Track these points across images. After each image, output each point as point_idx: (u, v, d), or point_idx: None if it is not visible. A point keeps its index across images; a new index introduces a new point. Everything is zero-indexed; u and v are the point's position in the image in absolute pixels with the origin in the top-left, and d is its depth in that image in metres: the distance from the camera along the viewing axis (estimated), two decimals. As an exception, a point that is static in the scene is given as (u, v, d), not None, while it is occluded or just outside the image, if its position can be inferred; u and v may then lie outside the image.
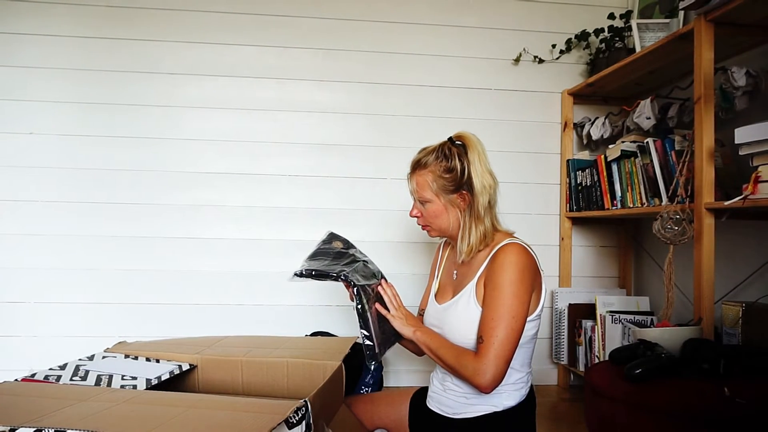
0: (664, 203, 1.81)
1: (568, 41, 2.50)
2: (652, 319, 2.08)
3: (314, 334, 2.28)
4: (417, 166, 1.36)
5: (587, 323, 2.23)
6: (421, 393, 1.47)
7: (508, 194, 2.50)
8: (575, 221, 2.51)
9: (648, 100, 2.02)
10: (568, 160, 2.46)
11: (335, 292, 2.43)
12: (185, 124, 2.38)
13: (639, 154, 1.98)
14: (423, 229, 1.42)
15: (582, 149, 2.53)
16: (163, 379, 1.48)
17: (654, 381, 1.29)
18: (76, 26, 2.33)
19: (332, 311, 2.43)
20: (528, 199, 2.52)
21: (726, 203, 1.50)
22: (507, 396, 1.27)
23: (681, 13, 2.03)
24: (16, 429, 0.93)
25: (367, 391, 2.12)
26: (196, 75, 2.38)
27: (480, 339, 1.19)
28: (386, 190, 2.45)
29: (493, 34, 2.52)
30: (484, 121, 2.51)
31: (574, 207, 2.42)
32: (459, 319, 1.28)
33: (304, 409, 1.08)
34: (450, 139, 1.37)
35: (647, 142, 1.92)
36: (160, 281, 2.35)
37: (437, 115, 2.48)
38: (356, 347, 2.21)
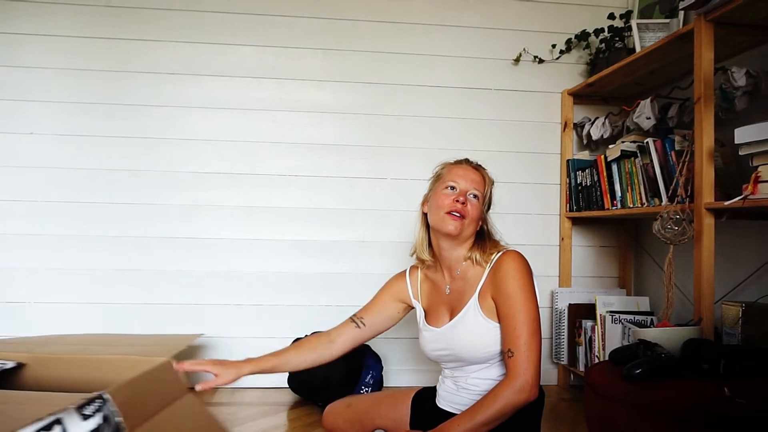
0: (664, 203, 1.81)
1: (568, 41, 2.50)
2: (652, 319, 2.08)
3: (314, 334, 2.27)
4: (479, 166, 1.46)
5: (587, 323, 2.23)
6: (424, 393, 1.47)
7: (509, 194, 2.51)
8: (575, 221, 2.51)
9: (648, 100, 2.02)
10: (568, 160, 2.46)
11: (335, 292, 2.43)
12: (185, 124, 2.38)
13: (639, 154, 1.98)
14: (455, 219, 1.32)
15: (582, 149, 2.53)
16: None
17: (654, 381, 1.29)
18: (76, 26, 2.33)
19: (332, 311, 2.42)
20: (528, 199, 2.52)
21: (726, 203, 1.50)
22: None
23: (681, 13, 2.03)
24: None
25: (367, 390, 2.13)
26: (196, 75, 2.38)
27: (509, 353, 1.21)
28: (386, 190, 2.45)
29: (493, 34, 2.52)
30: (484, 121, 2.51)
31: (574, 207, 2.42)
32: (470, 334, 1.29)
33: (99, 401, 1.08)
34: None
35: (647, 142, 1.92)
36: (160, 281, 2.35)
37: (437, 115, 2.48)
38: (356, 347, 2.21)
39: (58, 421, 0.98)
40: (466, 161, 1.45)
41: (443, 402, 1.39)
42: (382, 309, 1.50)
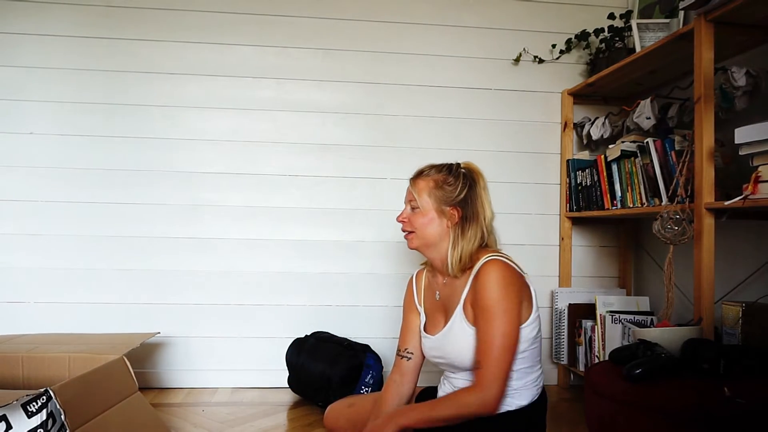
0: (664, 203, 1.81)
1: (568, 41, 2.50)
2: (652, 319, 2.08)
3: (314, 333, 2.28)
4: (421, 173, 1.41)
5: (587, 323, 2.23)
6: (426, 393, 1.47)
7: (509, 194, 2.52)
8: (575, 221, 2.51)
9: (648, 100, 2.02)
10: (568, 160, 2.46)
11: (335, 292, 2.43)
12: (185, 124, 2.38)
13: (639, 154, 1.98)
14: (405, 238, 1.39)
15: (582, 149, 2.53)
16: None
17: (654, 381, 1.29)
18: (76, 26, 2.33)
19: (332, 311, 2.43)
20: (528, 199, 2.52)
21: (726, 203, 1.50)
22: (520, 396, 1.27)
23: (681, 13, 2.03)
24: None
25: (367, 391, 2.12)
26: (196, 75, 2.38)
27: (477, 364, 1.19)
28: (386, 190, 2.45)
29: (493, 34, 2.52)
30: (484, 121, 2.51)
31: (574, 207, 2.42)
32: (459, 343, 1.28)
33: (44, 398, 1.09)
34: (458, 163, 1.42)
35: (647, 142, 1.92)
36: (160, 281, 2.35)
37: (437, 115, 2.48)
38: (357, 346, 2.21)
39: (2, 417, 0.99)
40: (414, 175, 1.43)
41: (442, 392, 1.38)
42: (412, 329, 1.46)
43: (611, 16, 2.34)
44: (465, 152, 2.50)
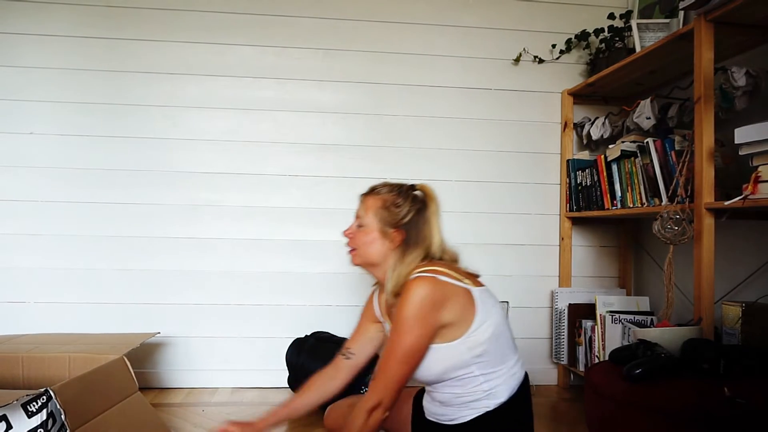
0: (664, 203, 1.81)
1: (568, 41, 2.50)
2: (652, 319, 2.08)
3: (314, 333, 2.28)
4: (372, 190, 1.40)
5: (587, 323, 2.23)
6: (424, 393, 1.47)
7: (509, 194, 2.52)
8: (575, 221, 2.51)
9: (648, 100, 2.02)
10: (568, 160, 2.46)
11: (335, 292, 2.43)
12: (185, 124, 2.38)
13: (639, 154, 1.98)
14: (348, 254, 1.40)
15: (582, 149, 2.53)
16: None
17: (654, 381, 1.29)
18: (76, 26, 2.33)
19: (332, 311, 2.43)
20: (528, 199, 2.52)
21: (726, 203, 1.50)
22: (496, 395, 1.26)
23: (681, 13, 2.03)
24: None
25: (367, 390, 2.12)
26: (196, 75, 2.38)
27: (374, 374, 1.20)
28: (386, 190, 2.44)
29: (493, 34, 2.52)
30: (484, 121, 2.51)
31: (574, 207, 2.42)
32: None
33: (44, 398, 1.09)
34: (412, 185, 1.39)
35: (647, 142, 1.92)
36: (159, 281, 2.35)
37: (437, 115, 2.48)
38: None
39: (2, 417, 0.99)
40: (366, 191, 1.41)
41: (428, 413, 1.37)
42: (364, 333, 1.49)
43: (611, 16, 2.34)
44: (465, 152, 2.50)
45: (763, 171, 1.41)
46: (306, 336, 2.26)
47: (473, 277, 1.32)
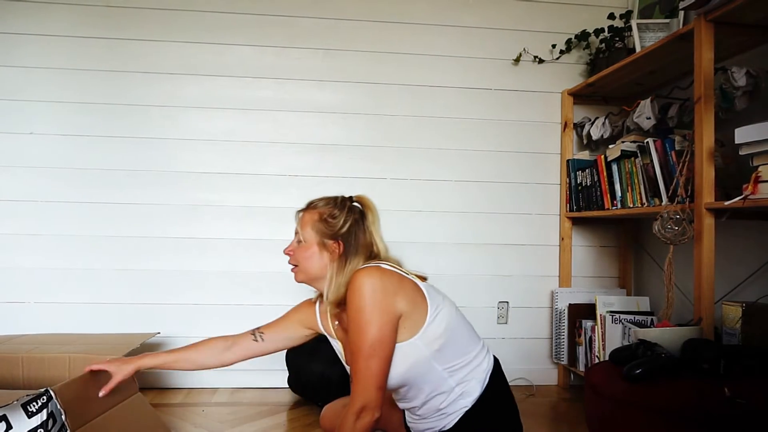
0: (664, 203, 1.81)
1: (568, 41, 2.50)
2: (652, 319, 2.08)
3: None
4: (309, 205, 1.40)
5: (587, 323, 2.23)
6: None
7: (509, 194, 2.52)
8: (575, 221, 2.51)
9: (648, 100, 2.02)
10: (568, 160, 2.46)
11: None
12: (185, 124, 2.38)
13: (639, 154, 1.98)
14: (291, 271, 1.39)
15: (582, 149, 2.53)
16: None
17: (654, 381, 1.29)
18: (75, 26, 2.33)
19: (332, 311, 2.42)
20: (528, 199, 2.52)
21: (726, 203, 1.50)
22: (469, 392, 1.25)
23: (681, 13, 2.03)
24: None
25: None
26: (196, 75, 2.38)
27: (351, 377, 1.18)
28: (386, 191, 2.45)
29: (493, 34, 2.52)
30: (484, 121, 2.51)
31: (574, 207, 2.41)
32: None
33: (45, 398, 1.09)
34: (350, 197, 1.40)
35: (647, 142, 1.92)
36: (159, 281, 2.35)
37: (437, 115, 2.48)
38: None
39: (2, 418, 0.98)
40: (303, 206, 1.42)
41: (412, 427, 1.37)
42: (285, 329, 1.50)
43: (611, 16, 2.34)
44: (465, 152, 2.50)
45: (763, 171, 1.41)
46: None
47: (416, 274, 1.32)
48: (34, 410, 1.06)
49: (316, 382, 2.07)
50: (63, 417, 1.18)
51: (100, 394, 1.37)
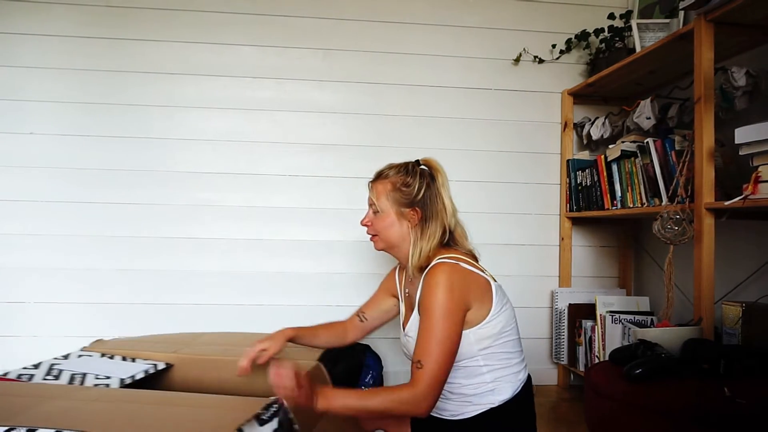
0: (664, 203, 1.81)
1: (568, 41, 2.50)
2: (652, 319, 2.08)
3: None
4: (379, 176, 1.42)
5: (587, 323, 2.23)
6: None
7: (509, 194, 2.52)
8: (575, 221, 2.51)
9: (648, 100, 2.02)
10: (568, 160, 2.46)
11: (335, 292, 2.43)
12: (185, 124, 2.38)
13: (639, 154, 1.98)
14: (371, 240, 1.43)
15: (582, 149, 2.53)
16: (137, 378, 1.46)
17: (654, 381, 1.29)
18: (75, 26, 2.33)
19: (332, 311, 2.42)
20: (528, 199, 2.52)
21: (726, 203, 1.50)
22: (499, 391, 1.26)
23: (681, 13, 2.03)
24: None
25: (367, 390, 2.12)
26: (196, 75, 2.38)
27: (419, 364, 1.16)
28: (386, 190, 2.44)
29: (493, 34, 2.52)
30: (484, 121, 2.51)
31: (574, 207, 2.42)
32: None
33: (276, 406, 1.08)
34: (417, 160, 1.43)
35: (647, 142, 1.92)
36: (159, 281, 2.35)
37: (437, 115, 2.48)
38: (357, 346, 2.21)
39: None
40: (373, 177, 1.45)
41: None
42: (379, 303, 1.57)
43: (611, 16, 2.34)
44: (465, 152, 2.50)
45: (763, 171, 1.41)
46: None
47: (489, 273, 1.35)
48: (266, 419, 1.03)
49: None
50: (296, 427, 1.15)
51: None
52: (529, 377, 1.35)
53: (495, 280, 1.33)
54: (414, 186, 1.34)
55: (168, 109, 2.37)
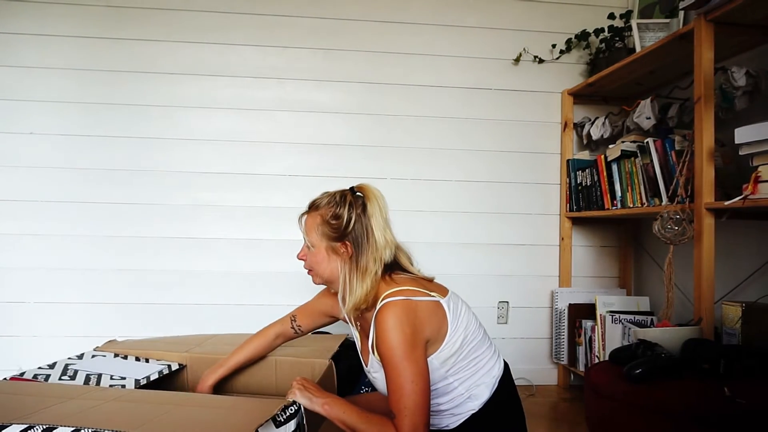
0: (664, 203, 1.81)
1: (568, 41, 2.50)
2: (652, 319, 2.08)
3: (313, 333, 2.27)
4: (311, 206, 1.35)
5: (587, 323, 2.23)
6: None
7: (509, 194, 2.52)
8: (575, 221, 2.51)
9: (648, 100, 2.02)
10: (568, 160, 2.46)
11: (335, 292, 2.43)
12: (185, 124, 2.38)
13: (639, 154, 1.98)
14: (308, 274, 1.37)
15: (582, 149, 2.53)
16: (152, 379, 1.48)
17: (654, 381, 1.29)
18: (75, 26, 2.33)
19: (332, 311, 2.42)
20: (528, 199, 2.52)
21: (726, 203, 1.50)
22: (477, 396, 1.25)
23: (681, 13, 2.03)
24: (7, 426, 0.92)
25: (366, 391, 2.12)
26: (196, 75, 2.38)
27: (392, 414, 1.13)
28: (386, 191, 2.42)
29: (493, 34, 2.52)
30: (484, 121, 2.51)
31: (574, 207, 2.42)
32: (382, 382, 1.23)
33: (293, 408, 1.08)
34: (351, 188, 1.35)
35: (647, 142, 1.92)
36: (159, 281, 2.35)
37: (437, 115, 2.48)
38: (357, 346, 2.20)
39: None
40: (306, 208, 1.38)
41: None
42: (315, 320, 1.55)
43: (611, 16, 2.34)
44: (465, 152, 2.50)
45: (763, 171, 1.41)
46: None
47: (437, 286, 1.28)
48: (282, 420, 1.03)
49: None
50: (307, 428, 1.15)
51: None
52: (505, 365, 1.32)
53: (446, 293, 1.26)
54: (343, 218, 1.25)
55: (168, 109, 2.37)
